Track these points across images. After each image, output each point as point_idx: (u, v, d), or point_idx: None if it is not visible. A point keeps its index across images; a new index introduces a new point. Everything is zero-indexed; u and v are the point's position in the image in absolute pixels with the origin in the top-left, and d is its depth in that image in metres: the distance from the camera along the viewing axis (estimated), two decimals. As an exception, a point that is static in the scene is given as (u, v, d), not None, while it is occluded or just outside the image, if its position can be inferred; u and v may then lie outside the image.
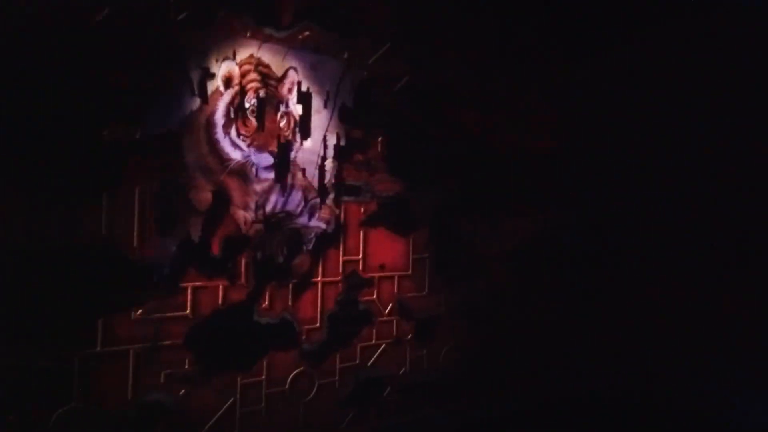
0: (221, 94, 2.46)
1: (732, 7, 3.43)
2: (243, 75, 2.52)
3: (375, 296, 3.03)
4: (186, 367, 2.36)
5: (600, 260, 4.17)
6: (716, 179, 3.57)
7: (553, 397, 3.74)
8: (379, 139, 3.04)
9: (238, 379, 2.54)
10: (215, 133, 2.45)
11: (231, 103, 2.49)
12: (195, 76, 2.38)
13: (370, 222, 3.01)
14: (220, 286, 2.47)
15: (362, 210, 2.98)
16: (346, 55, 2.89)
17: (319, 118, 2.80)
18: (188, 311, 2.38)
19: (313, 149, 2.78)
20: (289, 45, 2.67)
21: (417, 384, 3.19)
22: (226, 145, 2.48)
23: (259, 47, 2.58)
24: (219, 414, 2.46)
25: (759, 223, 3.35)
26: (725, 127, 3.51)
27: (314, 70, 2.77)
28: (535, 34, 3.80)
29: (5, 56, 1.98)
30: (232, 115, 2.49)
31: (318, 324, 2.80)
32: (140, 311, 2.24)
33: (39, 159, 2.03)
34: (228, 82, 2.48)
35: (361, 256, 2.97)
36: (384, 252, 3.07)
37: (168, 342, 2.32)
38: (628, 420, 3.54)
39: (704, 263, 3.62)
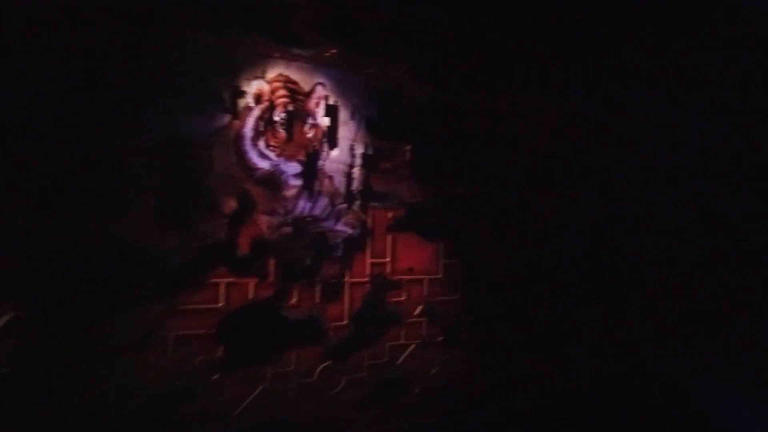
0: (251, 109, 2.64)
1: (732, 7, 3.40)
2: (273, 91, 2.70)
3: (404, 298, 3.14)
4: (218, 354, 2.55)
5: (600, 260, 4.18)
6: (716, 179, 3.53)
7: (552, 397, 3.76)
8: (407, 147, 3.16)
9: (268, 369, 2.70)
10: (244, 144, 2.63)
11: (261, 117, 2.67)
12: (226, 94, 2.58)
13: (397, 227, 3.13)
14: (250, 283, 2.66)
15: (389, 215, 3.10)
16: (372, 70, 3.03)
17: (346, 129, 2.94)
18: (221, 304, 2.57)
19: (341, 158, 2.93)
20: (316, 62, 2.83)
21: (434, 387, 3.26)
22: (254, 155, 2.66)
23: (288, 66, 2.75)
24: (248, 400, 2.63)
25: (759, 223, 3.31)
26: (725, 127, 3.47)
27: (341, 85, 2.92)
28: (535, 34, 3.82)
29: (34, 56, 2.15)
30: (262, 128, 2.67)
31: (345, 321, 2.94)
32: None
33: (51, 159, 2.20)
34: (258, 98, 2.67)
35: (389, 259, 3.09)
36: (413, 256, 3.18)
37: (202, 331, 2.51)
38: (627, 419, 3.55)
39: (704, 263, 3.60)
